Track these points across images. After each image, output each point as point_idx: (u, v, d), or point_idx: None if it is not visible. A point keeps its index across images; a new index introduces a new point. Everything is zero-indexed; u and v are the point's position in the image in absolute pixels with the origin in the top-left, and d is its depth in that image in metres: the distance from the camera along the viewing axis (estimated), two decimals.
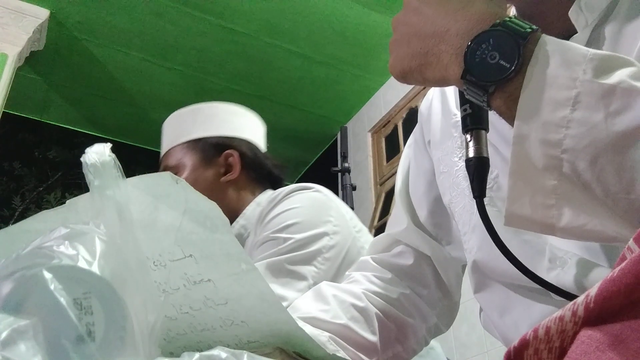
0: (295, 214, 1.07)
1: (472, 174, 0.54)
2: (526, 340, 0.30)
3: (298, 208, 1.09)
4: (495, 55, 0.47)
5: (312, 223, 1.06)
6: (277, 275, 0.98)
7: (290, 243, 1.03)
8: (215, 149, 1.25)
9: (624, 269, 0.28)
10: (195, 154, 1.25)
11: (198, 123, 1.29)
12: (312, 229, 1.05)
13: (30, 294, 0.34)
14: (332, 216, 1.10)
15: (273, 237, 1.06)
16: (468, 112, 0.54)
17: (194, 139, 1.26)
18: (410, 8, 0.55)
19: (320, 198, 1.13)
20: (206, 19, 3.27)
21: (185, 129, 1.29)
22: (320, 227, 1.06)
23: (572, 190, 0.44)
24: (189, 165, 1.23)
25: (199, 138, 1.27)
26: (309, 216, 1.07)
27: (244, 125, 1.34)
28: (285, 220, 1.07)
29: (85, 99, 3.86)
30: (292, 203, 1.11)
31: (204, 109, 1.33)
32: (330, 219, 1.09)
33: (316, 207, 1.11)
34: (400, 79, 0.55)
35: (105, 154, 0.45)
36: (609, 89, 0.42)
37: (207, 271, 0.49)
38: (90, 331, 0.34)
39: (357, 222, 1.17)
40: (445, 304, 0.83)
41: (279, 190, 1.18)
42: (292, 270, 1.00)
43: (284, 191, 1.15)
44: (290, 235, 1.04)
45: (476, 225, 0.68)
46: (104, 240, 0.39)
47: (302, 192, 1.14)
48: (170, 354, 0.54)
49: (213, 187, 1.21)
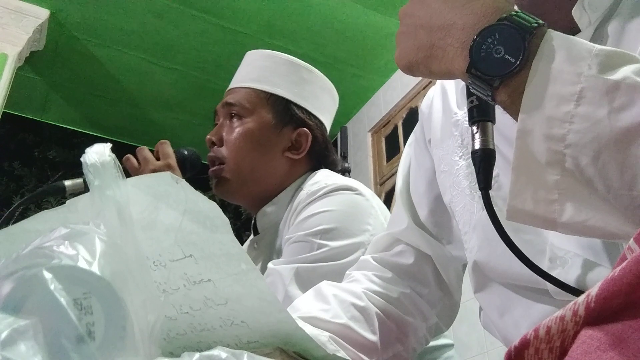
0: (333, 218, 1.02)
1: (478, 165, 0.54)
2: (527, 339, 0.30)
3: (336, 211, 1.03)
4: (500, 50, 0.47)
5: (350, 231, 1.01)
6: (303, 284, 0.93)
7: (324, 251, 0.98)
8: (294, 121, 1.19)
9: (624, 269, 0.28)
10: (272, 111, 1.18)
11: (289, 81, 1.21)
12: (348, 238, 1.00)
13: (30, 294, 0.34)
14: (370, 224, 1.04)
15: (306, 240, 1.00)
16: (475, 104, 0.55)
17: (278, 95, 1.19)
18: (417, 0, 0.55)
19: (362, 203, 1.07)
20: (206, 19, 3.27)
21: (274, 78, 1.20)
22: (357, 237, 1.01)
23: (575, 186, 0.44)
24: (263, 119, 1.17)
25: (285, 98, 1.19)
26: (347, 223, 1.02)
27: (327, 105, 1.27)
28: (321, 223, 1.01)
29: (85, 99, 3.86)
30: (331, 204, 1.05)
31: (300, 68, 1.24)
32: (368, 228, 1.03)
33: (356, 212, 1.05)
34: (406, 71, 0.56)
35: (105, 154, 0.45)
36: (614, 84, 0.42)
37: (207, 271, 0.49)
38: (90, 331, 0.34)
39: None
40: (446, 303, 0.83)
41: (320, 180, 1.12)
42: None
43: (326, 187, 1.08)
44: (325, 242, 0.99)
45: (477, 225, 0.68)
46: (104, 240, 0.39)
47: (344, 194, 1.07)
48: (170, 354, 0.54)
49: (272, 154, 1.16)
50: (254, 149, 1.16)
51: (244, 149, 1.15)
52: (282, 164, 1.18)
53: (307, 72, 1.25)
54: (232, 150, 1.15)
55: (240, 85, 1.22)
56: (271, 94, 1.19)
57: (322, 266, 0.96)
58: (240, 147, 1.15)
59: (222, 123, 1.20)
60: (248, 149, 1.15)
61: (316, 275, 0.94)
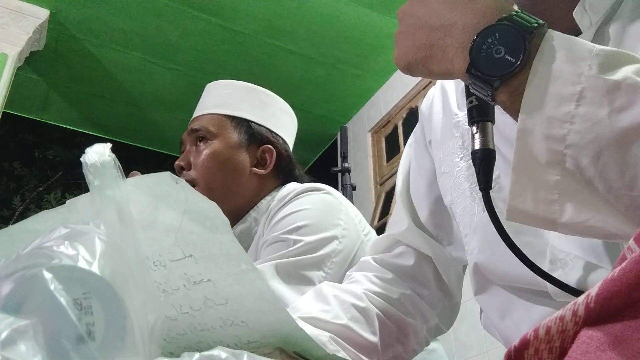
0: (306, 216, 1.07)
1: (478, 166, 0.53)
2: (527, 340, 0.30)
3: (308, 210, 1.09)
4: (500, 50, 0.47)
5: (322, 226, 1.06)
6: (286, 278, 0.98)
7: (300, 245, 1.02)
8: (257, 139, 1.25)
9: (624, 269, 0.28)
10: (237, 132, 1.23)
11: (249, 104, 1.28)
12: (322, 232, 1.05)
13: (30, 294, 0.34)
14: (341, 219, 1.10)
15: (283, 238, 1.05)
16: (474, 104, 0.54)
17: (241, 117, 1.25)
18: (416, 0, 0.55)
19: (331, 200, 1.13)
20: (206, 19, 3.27)
21: (235, 103, 1.27)
22: (330, 231, 1.06)
23: (575, 186, 0.44)
24: (229, 140, 1.22)
25: (247, 119, 1.26)
26: (319, 219, 1.07)
27: (287, 124, 1.33)
28: (295, 222, 1.07)
29: (85, 99, 3.86)
30: (302, 204, 1.10)
31: (259, 92, 1.31)
32: (340, 222, 1.09)
33: (326, 209, 1.10)
34: (405, 71, 0.55)
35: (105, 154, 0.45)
36: (614, 85, 0.42)
37: (207, 271, 0.49)
38: (90, 331, 0.34)
39: (365, 225, 1.16)
40: (446, 305, 0.82)
41: (289, 189, 1.18)
42: (301, 274, 1.00)
43: (295, 191, 1.14)
44: (300, 237, 1.04)
45: (477, 227, 0.68)
46: (104, 240, 0.39)
47: (313, 194, 1.13)
48: (170, 354, 0.54)
49: (241, 171, 1.21)
50: (223, 168, 1.20)
51: (214, 169, 1.20)
52: (251, 181, 1.22)
53: (265, 96, 1.32)
54: (201, 171, 1.20)
55: (203, 113, 1.28)
56: (234, 117, 1.26)
57: (300, 259, 1.01)
58: (210, 167, 1.20)
59: (189, 149, 1.25)
60: (217, 168, 1.20)
61: (295, 268, 0.99)
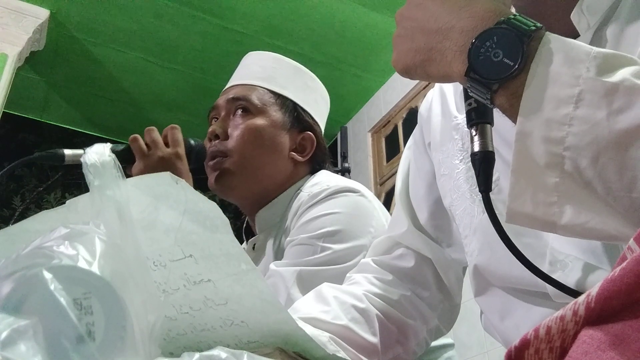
0: (337, 221, 1.01)
1: (477, 168, 0.53)
2: (527, 339, 0.30)
3: (340, 214, 1.02)
4: (499, 53, 0.47)
5: (353, 233, 1.00)
6: (306, 287, 0.92)
7: (328, 254, 0.97)
8: (301, 124, 1.19)
9: (624, 269, 0.28)
10: (281, 111, 1.17)
11: (295, 86, 1.21)
12: (351, 240, 0.99)
13: (30, 294, 0.34)
14: (372, 226, 1.03)
15: (310, 242, 0.99)
16: (473, 107, 0.54)
17: (287, 97, 1.19)
18: (414, 3, 0.55)
19: (365, 205, 1.06)
20: (206, 19, 3.27)
21: (281, 80, 1.20)
22: (360, 239, 1.00)
23: (574, 188, 0.44)
24: (272, 118, 1.16)
25: (293, 101, 1.19)
26: (351, 225, 1.01)
27: (324, 114, 1.28)
28: (324, 226, 1.00)
29: (85, 99, 3.86)
30: (335, 206, 1.04)
31: (305, 75, 1.25)
32: (371, 230, 1.03)
33: (359, 215, 1.04)
34: (404, 74, 0.55)
35: (105, 154, 0.45)
36: (612, 87, 0.42)
37: (207, 271, 0.49)
38: (90, 331, 0.34)
39: None
40: (446, 306, 0.82)
41: (321, 182, 1.12)
42: None
43: (329, 190, 1.07)
44: (328, 245, 0.98)
45: (477, 228, 0.68)
46: (104, 240, 0.39)
47: (347, 196, 1.06)
48: (170, 354, 0.54)
49: (280, 153, 1.16)
50: (262, 146, 1.14)
51: (253, 144, 1.13)
52: (286, 165, 1.17)
53: (311, 80, 1.26)
54: (239, 144, 1.13)
55: (246, 82, 1.20)
56: (279, 95, 1.19)
57: (325, 270, 0.95)
58: (250, 142, 1.13)
59: (225, 118, 1.17)
60: (257, 144, 1.13)
61: (319, 279, 0.92)
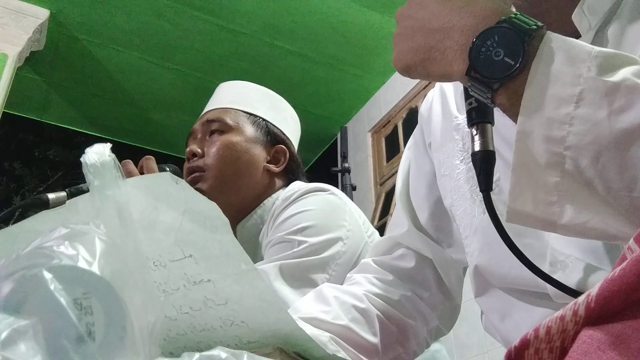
0: (310, 217, 1.07)
1: (478, 167, 0.53)
2: (527, 339, 0.30)
3: (313, 210, 1.09)
4: (500, 52, 0.47)
5: (327, 227, 1.06)
6: (290, 280, 0.98)
7: (305, 247, 1.02)
8: (272, 138, 1.27)
9: (624, 269, 0.28)
10: (254, 128, 1.25)
11: (265, 106, 1.30)
12: (326, 233, 1.05)
13: (30, 294, 0.34)
14: (346, 220, 1.10)
15: (287, 238, 1.05)
16: (473, 106, 0.54)
17: (257, 115, 1.27)
18: (415, 2, 0.55)
19: (335, 201, 1.13)
20: (206, 19, 3.27)
21: (251, 102, 1.29)
22: (335, 232, 1.06)
23: (575, 188, 0.44)
24: (246, 133, 1.23)
25: (263, 118, 1.28)
26: (324, 220, 1.07)
27: (295, 132, 1.37)
28: (299, 222, 1.06)
29: (85, 99, 3.86)
30: (307, 205, 1.10)
31: (273, 97, 1.34)
32: (344, 224, 1.09)
33: (331, 210, 1.10)
34: (404, 73, 0.55)
35: (105, 154, 0.45)
36: (613, 86, 0.42)
37: (207, 271, 0.49)
38: (90, 331, 0.34)
39: (369, 226, 1.16)
40: (447, 306, 0.82)
41: (293, 188, 1.18)
42: (305, 276, 0.99)
43: (300, 191, 1.14)
44: (304, 238, 1.04)
45: (478, 229, 0.68)
46: (104, 240, 0.39)
47: (318, 194, 1.13)
48: (170, 354, 0.54)
49: (255, 165, 1.22)
50: (238, 158, 1.20)
51: (229, 158, 1.19)
52: (262, 177, 1.23)
53: (280, 101, 1.35)
54: (216, 159, 1.19)
55: (219, 106, 1.28)
56: (251, 114, 1.27)
57: (304, 261, 1.00)
58: (225, 157, 1.19)
59: (202, 138, 1.24)
60: (233, 158, 1.20)
61: (299, 270, 0.99)
